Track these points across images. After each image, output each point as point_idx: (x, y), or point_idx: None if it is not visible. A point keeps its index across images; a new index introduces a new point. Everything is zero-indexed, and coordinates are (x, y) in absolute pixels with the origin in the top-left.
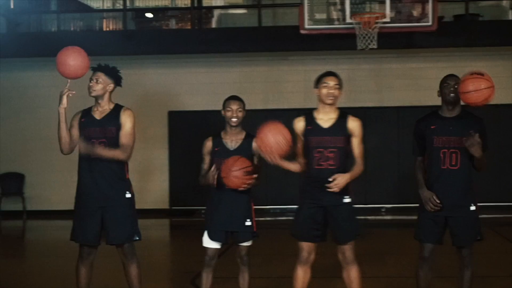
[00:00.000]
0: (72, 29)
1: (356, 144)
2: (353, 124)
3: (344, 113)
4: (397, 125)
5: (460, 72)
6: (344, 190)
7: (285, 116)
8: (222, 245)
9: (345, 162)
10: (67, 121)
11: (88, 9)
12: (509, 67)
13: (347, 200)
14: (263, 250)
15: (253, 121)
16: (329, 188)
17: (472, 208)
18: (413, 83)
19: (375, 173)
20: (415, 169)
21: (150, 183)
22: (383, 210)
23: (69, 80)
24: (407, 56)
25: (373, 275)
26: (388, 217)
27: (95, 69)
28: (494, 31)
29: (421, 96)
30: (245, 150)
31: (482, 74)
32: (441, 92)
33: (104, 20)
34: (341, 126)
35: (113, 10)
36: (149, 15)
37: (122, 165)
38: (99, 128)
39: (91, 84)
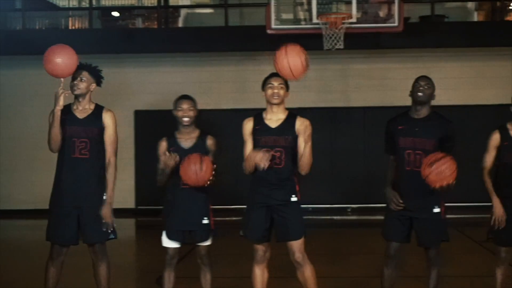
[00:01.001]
0: (37, 27)
1: (302, 144)
2: (301, 124)
3: (292, 114)
4: (363, 126)
5: (426, 73)
6: (292, 189)
7: (252, 116)
8: (182, 245)
9: (292, 162)
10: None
11: (54, 7)
12: (475, 68)
13: (294, 199)
14: (230, 250)
15: (221, 120)
16: None
17: (436, 210)
18: (379, 84)
19: (342, 173)
20: (388, 168)
21: (116, 182)
22: (349, 210)
23: (62, 80)
24: (374, 56)
25: (339, 275)
26: (354, 217)
27: (79, 67)
28: (459, 32)
29: (388, 96)
30: (200, 148)
31: (447, 161)
32: (412, 92)
33: (70, 19)
34: (288, 126)
35: (79, 8)
36: (115, 14)
37: (103, 165)
38: (82, 128)
39: (75, 82)
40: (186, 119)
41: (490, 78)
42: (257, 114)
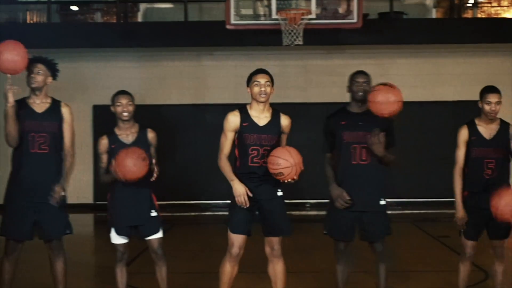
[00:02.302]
0: None
1: (284, 141)
2: (286, 122)
3: (276, 111)
4: (323, 121)
5: (385, 69)
6: (277, 184)
7: (212, 111)
8: (134, 239)
9: None
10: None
11: (12, 1)
12: (433, 64)
13: (280, 193)
14: (189, 245)
15: (181, 116)
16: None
17: (382, 202)
18: (339, 80)
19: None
20: (325, 166)
21: (74, 177)
22: (307, 205)
23: (9, 76)
24: (333, 52)
25: (299, 270)
26: (313, 213)
27: (36, 61)
28: (418, 29)
29: (347, 92)
30: (141, 142)
31: (393, 87)
32: (350, 89)
33: (28, 13)
34: (275, 124)
35: (38, 2)
36: (74, 8)
37: (62, 160)
38: (40, 122)
39: (32, 76)
40: (125, 114)
41: (448, 75)
42: (242, 109)
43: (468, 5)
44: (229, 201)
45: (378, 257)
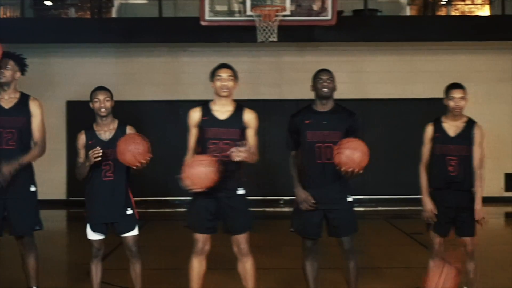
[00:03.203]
0: None
1: (251, 136)
2: (249, 117)
3: (240, 106)
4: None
5: (359, 66)
6: (238, 181)
7: (185, 108)
8: (109, 235)
9: None
10: None
11: None
12: (407, 62)
13: (240, 191)
14: (160, 242)
15: (154, 112)
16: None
17: (349, 199)
18: (311, 77)
19: (274, 165)
20: (290, 165)
21: (47, 173)
22: (281, 202)
23: None
24: (307, 49)
25: (272, 267)
26: (287, 209)
27: (3, 56)
28: (392, 27)
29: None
30: (119, 139)
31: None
32: (314, 87)
33: (1, 7)
34: (237, 119)
35: None
36: (48, 3)
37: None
38: (8, 118)
39: (1, 71)
40: (103, 110)
41: (421, 72)
42: (204, 105)
43: (442, 2)
44: None
45: (346, 254)
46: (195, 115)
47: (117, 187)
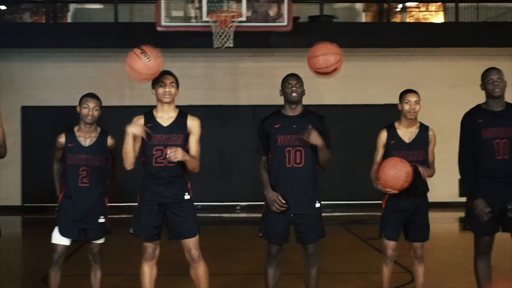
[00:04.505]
0: None
1: (193, 143)
2: (192, 123)
3: (183, 112)
4: (252, 124)
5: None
6: (184, 187)
7: (141, 113)
8: (72, 242)
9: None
10: None
11: None
12: (362, 68)
13: (187, 196)
14: (118, 247)
15: (110, 117)
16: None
17: (317, 205)
18: (268, 82)
19: (231, 171)
20: (260, 169)
21: (1, 179)
22: (238, 208)
23: None
24: (263, 55)
25: (228, 272)
26: (243, 215)
27: None
28: (347, 33)
29: (276, 95)
30: (99, 147)
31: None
32: (283, 92)
33: None
34: (180, 125)
35: None
36: (2, 7)
37: None
38: None
39: None
40: (89, 117)
41: (377, 78)
42: (148, 112)
43: (397, 9)
44: None
45: (309, 259)
46: (138, 122)
47: (92, 193)
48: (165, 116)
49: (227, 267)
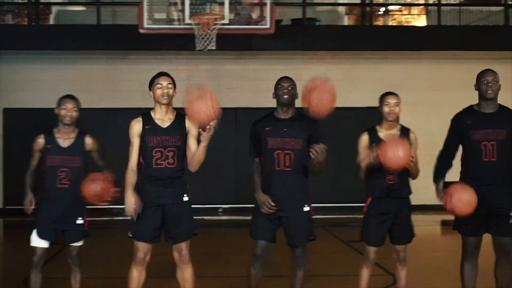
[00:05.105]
0: None
1: (192, 140)
2: (190, 124)
3: (181, 114)
4: (235, 126)
5: (297, 74)
6: (183, 189)
7: (125, 115)
8: (51, 244)
9: (182, 161)
10: None
11: None
12: (345, 71)
13: (186, 198)
14: (101, 250)
15: (93, 119)
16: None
17: (306, 208)
18: (251, 85)
19: (213, 173)
20: (253, 171)
21: None
22: (220, 210)
23: None
24: (246, 58)
25: (212, 275)
26: (225, 217)
27: None
28: (330, 36)
29: (259, 97)
30: (78, 148)
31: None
32: (275, 94)
33: None
34: (179, 126)
35: None
36: None
37: None
38: None
39: None
40: (68, 118)
41: (359, 81)
42: (145, 114)
43: (379, 13)
44: None
45: (296, 262)
46: (137, 125)
47: (71, 195)
48: (164, 118)
49: (211, 269)
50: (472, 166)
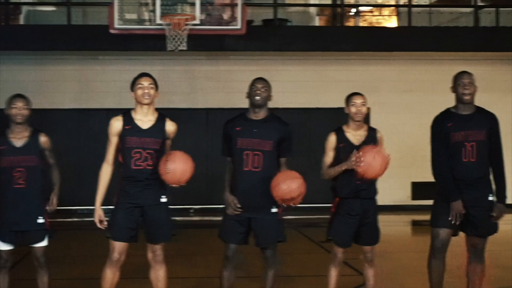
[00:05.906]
0: None
1: (169, 147)
2: (171, 128)
3: (162, 116)
4: (206, 127)
5: (270, 75)
6: (162, 189)
7: (97, 116)
8: (17, 246)
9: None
10: None
11: None
12: (316, 72)
13: (163, 199)
14: (69, 252)
15: (64, 120)
16: None
17: (274, 210)
18: (223, 86)
19: None
20: (226, 170)
21: None
22: (191, 211)
23: None
24: (218, 58)
25: (183, 276)
26: (197, 218)
27: None
28: (301, 36)
29: (231, 98)
30: (32, 146)
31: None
32: (249, 95)
33: None
34: (159, 128)
35: None
36: None
37: None
38: None
39: None
40: (19, 117)
41: (331, 82)
42: (126, 113)
43: (350, 13)
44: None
45: (267, 263)
46: (117, 123)
47: (29, 194)
48: (144, 119)
49: (181, 270)
50: (453, 167)
